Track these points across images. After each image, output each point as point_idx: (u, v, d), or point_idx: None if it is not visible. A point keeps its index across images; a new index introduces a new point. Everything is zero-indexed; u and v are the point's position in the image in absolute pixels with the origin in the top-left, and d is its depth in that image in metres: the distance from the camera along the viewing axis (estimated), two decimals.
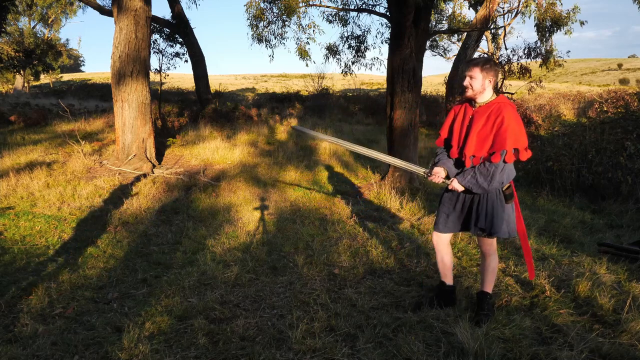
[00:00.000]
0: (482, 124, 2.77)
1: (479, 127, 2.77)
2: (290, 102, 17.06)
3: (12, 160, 7.44)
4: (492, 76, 2.78)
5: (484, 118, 2.77)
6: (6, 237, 4.48)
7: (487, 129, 2.74)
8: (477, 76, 2.77)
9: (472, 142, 2.80)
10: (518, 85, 13.78)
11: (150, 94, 7.75)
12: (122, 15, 7.22)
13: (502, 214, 2.83)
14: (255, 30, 11.08)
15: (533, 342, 2.69)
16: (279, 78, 42.98)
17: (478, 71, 2.76)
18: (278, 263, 4.03)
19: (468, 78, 2.81)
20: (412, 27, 6.43)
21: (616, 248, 4.29)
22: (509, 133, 2.69)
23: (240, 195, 6.39)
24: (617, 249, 4.26)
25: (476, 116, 2.81)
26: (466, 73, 2.83)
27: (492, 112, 2.75)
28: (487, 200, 2.85)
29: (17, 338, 2.76)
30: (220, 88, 21.97)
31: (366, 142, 10.93)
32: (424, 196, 6.38)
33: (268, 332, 2.86)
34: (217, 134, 10.55)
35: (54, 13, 27.76)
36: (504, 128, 2.69)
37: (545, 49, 14.67)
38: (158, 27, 13.37)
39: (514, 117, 2.72)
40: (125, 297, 3.39)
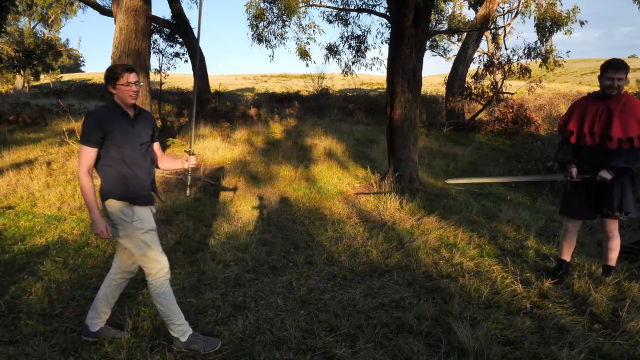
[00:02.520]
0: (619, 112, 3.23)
1: (618, 114, 3.23)
2: (290, 102, 17.05)
3: (12, 160, 7.44)
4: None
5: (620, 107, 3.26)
6: (6, 237, 4.48)
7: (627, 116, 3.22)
8: (624, 77, 3.28)
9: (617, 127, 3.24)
10: (518, 85, 13.78)
11: (150, 93, 7.75)
12: (122, 15, 7.22)
13: (630, 194, 3.30)
14: (255, 30, 11.08)
15: (533, 342, 2.69)
16: (279, 78, 42.98)
17: (624, 73, 3.27)
18: (278, 263, 4.02)
19: (617, 80, 3.25)
20: (412, 27, 6.43)
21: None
22: None
23: (240, 195, 6.39)
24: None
25: (612, 106, 3.28)
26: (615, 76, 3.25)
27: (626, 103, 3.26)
28: (619, 182, 3.28)
29: (17, 338, 2.76)
30: (220, 88, 21.98)
31: (366, 142, 10.93)
32: (423, 196, 6.38)
33: (268, 332, 2.86)
34: (217, 134, 10.55)
35: (54, 13, 27.76)
36: None
37: (545, 49, 14.68)
38: (158, 27, 13.37)
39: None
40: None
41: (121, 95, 2.50)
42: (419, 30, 6.73)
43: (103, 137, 2.45)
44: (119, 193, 2.51)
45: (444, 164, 9.28)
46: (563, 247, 3.67)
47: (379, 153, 9.52)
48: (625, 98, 3.28)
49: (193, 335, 2.64)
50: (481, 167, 9.33)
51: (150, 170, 2.67)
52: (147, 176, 2.63)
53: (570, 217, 3.60)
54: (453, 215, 5.46)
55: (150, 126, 2.69)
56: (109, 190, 2.52)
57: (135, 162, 2.54)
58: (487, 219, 5.44)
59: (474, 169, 9.19)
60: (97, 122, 2.44)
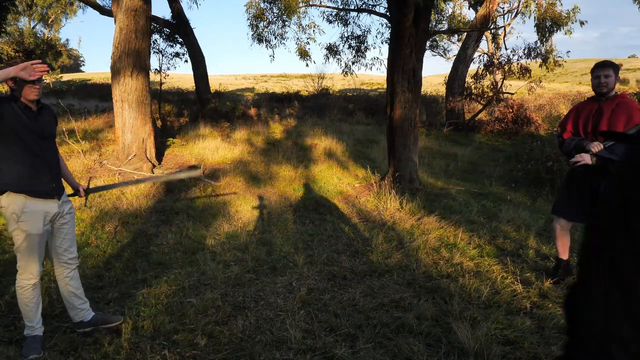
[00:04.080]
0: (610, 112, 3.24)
1: (609, 114, 3.24)
2: (290, 102, 17.05)
3: None
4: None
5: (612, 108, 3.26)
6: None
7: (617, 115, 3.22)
8: (612, 74, 3.26)
9: (604, 126, 3.25)
10: (518, 85, 13.77)
11: (150, 94, 7.74)
12: (122, 15, 7.22)
13: None
14: (255, 30, 11.09)
15: (533, 342, 2.69)
16: (279, 78, 42.97)
17: (611, 70, 3.26)
18: (278, 263, 4.02)
19: (603, 77, 3.27)
20: (412, 27, 6.43)
21: None
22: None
23: (240, 195, 6.39)
24: None
25: (605, 106, 3.29)
26: (601, 73, 3.28)
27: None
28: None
29: (17, 338, 2.76)
30: (220, 88, 21.97)
31: (366, 142, 10.92)
32: (423, 196, 6.38)
33: (268, 332, 2.86)
34: (217, 134, 10.55)
35: (54, 13, 27.74)
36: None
37: (545, 49, 14.68)
38: (158, 27, 13.37)
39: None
40: (125, 297, 3.38)
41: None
42: (419, 30, 6.73)
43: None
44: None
45: (444, 164, 9.28)
46: (557, 246, 3.69)
47: (379, 153, 9.52)
48: (620, 99, 3.29)
49: (31, 338, 2.64)
50: (481, 167, 9.32)
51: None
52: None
53: (559, 216, 3.61)
54: (453, 215, 5.46)
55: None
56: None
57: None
58: (487, 219, 5.44)
59: (474, 169, 9.19)
60: None
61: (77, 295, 2.85)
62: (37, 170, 2.55)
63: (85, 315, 2.85)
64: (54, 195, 2.65)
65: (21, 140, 2.48)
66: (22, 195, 2.52)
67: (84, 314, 2.85)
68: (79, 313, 2.83)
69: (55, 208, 2.66)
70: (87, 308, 2.87)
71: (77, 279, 2.86)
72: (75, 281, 2.84)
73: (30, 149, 2.52)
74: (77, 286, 2.86)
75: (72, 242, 2.82)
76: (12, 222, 2.55)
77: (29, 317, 2.65)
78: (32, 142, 2.53)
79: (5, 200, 2.53)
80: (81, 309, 2.84)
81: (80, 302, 2.84)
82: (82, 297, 2.87)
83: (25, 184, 2.52)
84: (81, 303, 2.85)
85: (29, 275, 2.62)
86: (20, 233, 2.54)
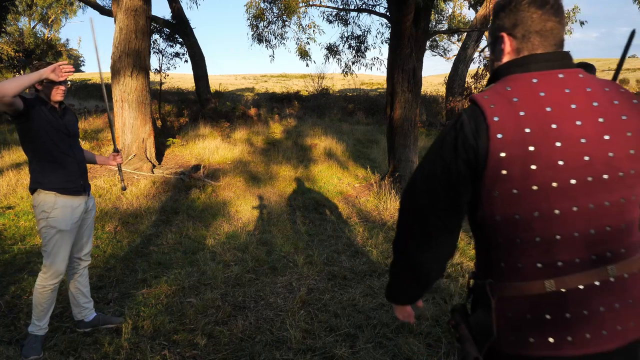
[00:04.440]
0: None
1: None
2: (290, 102, 17.04)
3: (12, 160, 7.44)
4: None
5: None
6: (6, 237, 4.48)
7: None
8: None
9: None
10: None
11: (150, 93, 7.74)
12: (122, 15, 7.22)
13: None
14: (255, 30, 11.08)
15: None
16: (279, 78, 42.97)
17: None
18: (278, 263, 4.02)
19: None
20: (412, 27, 6.43)
21: None
22: None
23: (240, 195, 6.39)
24: None
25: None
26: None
27: None
28: None
29: (17, 338, 2.76)
30: (220, 88, 21.96)
31: (366, 142, 10.92)
32: None
33: (268, 332, 2.86)
34: (217, 134, 10.55)
35: (54, 13, 27.74)
36: None
37: None
38: (158, 27, 13.36)
39: None
40: (125, 297, 3.39)
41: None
42: (419, 30, 6.73)
43: None
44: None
45: None
46: None
47: (379, 153, 9.52)
48: None
49: (33, 337, 2.64)
50: None
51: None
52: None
53: None
54: None
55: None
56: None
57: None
58: None
59: None
60: None
61: (84, 294, 2.86)
62: (66, 168, 2.63)
63: (87, 315, 2.86)
64: (82, 191, 2.72)
65: (50, 139, 2.56)
66: (53, 192, 2.58)
67: (87, 313, 2.86)
68: (82, 311, 2.85)
69: (83, 204, 2.73)
70: (90, 307, 2.89)
71: (86, 277, 2.89)
72: (84, 278, 2.88)
73: (59, 148, 2.60)
74: (85, 284, 2.89)
75: (89, 237, 2.88)
76: (42, 220, 2.58)
77: (39, 317, 2.66)
78: (60, 141, 2.61)
79: (37, 198, 2.59)
80: (84, 308, 2.85)
81: (85, 300, 2.86)
82: (87, 295, 2.89)
83: (55, 182, 2.58)
84: (86, 302, 2.86)
85: (53, 274, 2.61)
86: (49, 230, 2.58)
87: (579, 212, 1.00)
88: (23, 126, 2.51)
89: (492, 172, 1.00)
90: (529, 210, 1.00)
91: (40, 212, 2.58)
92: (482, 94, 1.07)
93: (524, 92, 1.03)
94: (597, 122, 1.01)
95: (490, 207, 1.04)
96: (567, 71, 1.06)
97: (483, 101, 1.04)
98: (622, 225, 1.03)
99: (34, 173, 2.60)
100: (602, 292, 1.01)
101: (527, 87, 1.04)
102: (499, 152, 0.99)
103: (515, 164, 0.98)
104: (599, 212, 1.00)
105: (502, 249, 1.06)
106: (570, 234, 1.00)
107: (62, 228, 2.60)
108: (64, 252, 2.63)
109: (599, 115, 1.02)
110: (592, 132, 1.00)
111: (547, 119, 0.99)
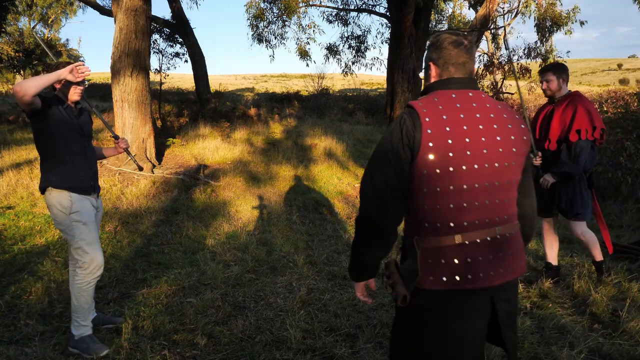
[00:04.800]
0: (560, 112, 3.30)
1: (559, 115, 3.30)
2: (290, 102, 17.03)
3: (12, 160, 7.44)
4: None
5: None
6: (6, 237, 4.48)
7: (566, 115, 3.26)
8: (553, 78, 3.33)
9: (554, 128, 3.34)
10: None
11: (150, 94, 7.74)
12: (122, 15, 7.22)
13: (584, 195, 3.37)
14: (255, 30, 11.10)
15: (533, 342, 2.69)
16: (279, 78, 42.95)
17: (552, 74, 3.32)
18: (278, 263, 4.02)
19: (545, 82, 3.38)
20: (412, 27, 6.43)
21: (617, 246, 4.30)
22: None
23: (240, 195, 6.39)
24: (618, 247, 4.27)
25: (556, 107, 3.35)
26: (543, 78, 3.40)
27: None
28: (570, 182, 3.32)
29: (17, 338, 2.76)
30: (220, 88, 21.95)
31: (366, 142, 10.92)
32: None
33: (268, 332, 2.86)
34: (217, 134, 10.55)
35: (54, 13, 27.75)
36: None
37: (545, 49, 14.69)
38: (158, 27, 13.36)
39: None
40: (125, 297, 3.39)
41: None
42: (419, 30, 6.73)
43: None
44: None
45: None
46: (545, 247, 3.70)
47: None
48: (571, 98, 3.30)
49: (87, 337, 2.63)
50: None
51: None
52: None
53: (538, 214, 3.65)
54: None
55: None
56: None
57: None
58: None
59: None
60: None
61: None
62: (78, 168, 2.63)
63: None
64: (92, 192, 2.72)
65: (65, 139, 2.57)
66: (65, 191, 2.57)
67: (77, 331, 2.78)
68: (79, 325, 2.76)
69: (94, 203, 2.73)
70: (92, 309, 2.86)
71: None
72: None
73: (72, 147, 2.61)
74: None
75: (97, 236, 2.84)
76: (63, 218, 2.57)
77: (85, 315, 2.64)
78: (74, 141, 2.62)
79: (50, 197, 2.57)
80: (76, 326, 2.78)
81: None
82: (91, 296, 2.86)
83: (66, 180, 2.58)
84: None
85: (95, 267, 2.61)
86: (77, 225, 2.57)
87: (479, 188, 1.42)
88: (39, 125, 2.52)
89: (423, 157, 1.40)
90: (447, 185, 1.41)
91: (58, 210, 2.56)
92: (417, 101, 1.48)
93: (446, 102, 1.46)
94: (493, 128, 1.46)
95: (420, 182, 1.44)
96: (474, 91, 1.52)
97: (418, 106, 1.45)
98: (506, 199, 1.48)
99: (46, 171, 2.59)
100: (492, 245, 1.44)
101: (448, 99, 1.47)
102: (428, 142, 1.40)
103: (439, 152, 1.40)
104: (493, 189, 1.44)
105: (427, 213, 1.47)
106: (473, 203, 1.42)
107: (89, 219, 2.61)
108: (97, 241, 2.64)
109: (494, 123, 1.47)
110: (489, 134, 1.44)
111: (460, 122, 1.42)
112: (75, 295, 2.62)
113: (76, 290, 2.61)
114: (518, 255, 1.51)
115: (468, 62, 1.53)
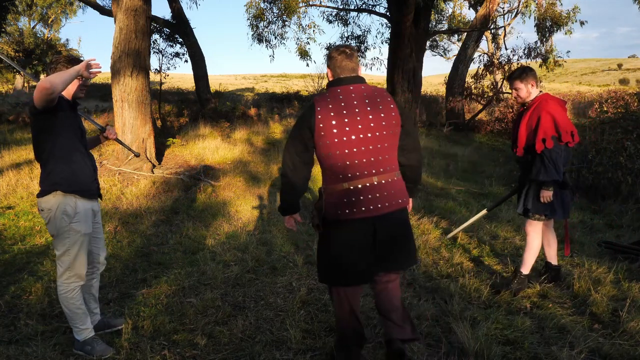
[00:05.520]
0: (527, 119, 3.28)
1: (526, 121, 3.27)
2: (290, 102, 17.03)
3: (12, 160, 7.45)
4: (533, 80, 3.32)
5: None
6: (6, 237, 4.48)
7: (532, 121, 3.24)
8: (520, 86, 3.29)
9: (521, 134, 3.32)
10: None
11: (150, 93, 7.74)
12: (122, 15, 7.22)
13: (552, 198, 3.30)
14: (255, 30, 11.09)
15: (533, 342, 2.69)
16: (279, 78, 42.94)
17: (519, 82, 3.28)
18: (278, 263, 4.02)
19: (513, 90, 3.35)
20: (412, 27, 6.43)
21: (618, 246, 4.30)
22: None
23: (240, 195, 6.39)
24: (618, 247, 4.28)
25: (525, 113, 3.33)
26: (511, 88, 3.37)
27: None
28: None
29: (17, 338, 2.76)
30: (220, 88, 21.95)
31: None
32: (424, 196, 6.38)
33: (268, 332, 2.86)
34: (217, 134, 10.55)
35: (54, 13, 27.73)
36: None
37: (545, 49, 14.67)
38: (158, 27, 13.35)
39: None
40: (125, 297, 3.39)
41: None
42: (419, 30, 6.73)
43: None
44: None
45: (444, 164, 9.28)
46: (544, 246, 3.65)
47: None
48: (537, 103, 3.22)
49: (91, 340, 2.58)
50: (481, 167, 9.33)
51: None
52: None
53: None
54: (453, 215, 5.46)
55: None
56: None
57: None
58: (487, 219, 5.43)
59: (474, 169, 9.19)
60: None
61: (95, 298, 2.81)
62: (83, 169, 2.50)
63: (94, 320, 2.77)
64: (96, 195, 2.63)
65: (70, 138, 2.45)
66: (73, 195, 2.44)
67: (95, 319, 2.77)
68: (91, 317, 2.75)
69: (97, 207, 2.65)
70: (98, 312, 2.82)
71: (98, 280, 2.83)
72: (97, 282, 2.81)
73: (77, 147, 2.49)
74: (97, 287, 2.82)
75: (103, 241, 2.80)
76: (62, 224, 2.43)
77: (82, 320, 2.55)
78: (78, 140, 2.51)
79: (54, 201, 2.42)
80: (94, 314, 2.77)
81: (94, 305, 2.79)
82: (97, 300, 2.83)
83: (75, 184, 2.44)
84: (95, 307, 2.80)
85: (75, 277, 2.50)
86: (73, 234, 2.45)
87: (357, 152, 2.10)
88: (46, 123, 2.37)
89: (318, 133, 2.11)
90: (335, 151, 2.11)
91: (60, 215, 2.41)
92: (315, 97, 2.16)
93: (332, 95, 2.16)
94: (367, 109, 2.13)
95: (320, 150, 2.15)
96: (355, 85, 2.19)
97: (315, 100, 2.16)
98: (381, 157, 2.15)
99: (51, 174, 2.41)
100: (372, 189, 2.14)
101: (334, 93, 2.16)
102: (319, 124, 2.10)
103: (327, 128, 2.10)
104: (368, 151, 2.12)
105: (327, 169, 2.19)
106: (353, 161, 2.11)
107: (86, 232, 2.49)
108: (85, 255, 2.52)
109: (368, 106, 2.14)
110: (363, 111, 2.13)
111: (341, 107, 2.12)
112: (64, 303, 2.53)
113: (62, 299, 2.52)
114: (397, 194, 2.18)
115: (350, 65, 2.20)
